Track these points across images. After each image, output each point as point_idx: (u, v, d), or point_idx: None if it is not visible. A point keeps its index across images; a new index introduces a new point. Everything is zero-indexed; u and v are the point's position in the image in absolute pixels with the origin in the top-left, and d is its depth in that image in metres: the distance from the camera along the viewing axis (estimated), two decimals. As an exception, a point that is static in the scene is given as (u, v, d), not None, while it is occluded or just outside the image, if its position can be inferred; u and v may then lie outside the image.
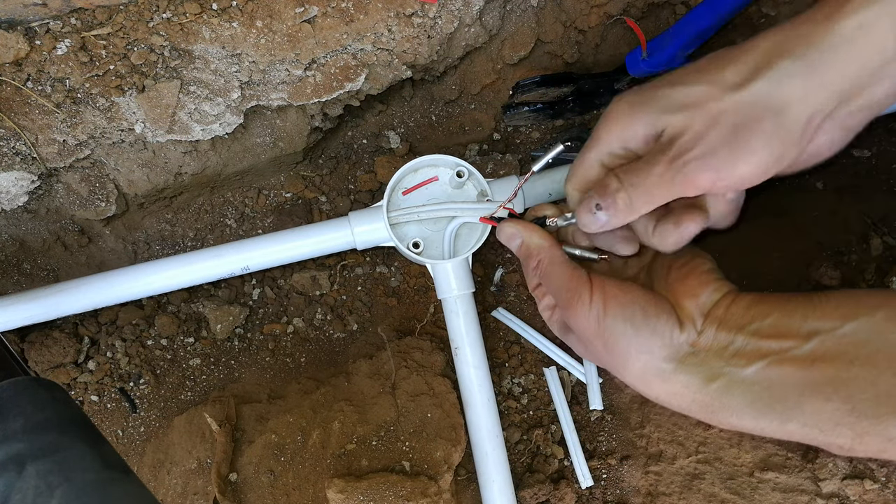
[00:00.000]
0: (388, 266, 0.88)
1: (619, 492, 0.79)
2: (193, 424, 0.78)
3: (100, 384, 0.83)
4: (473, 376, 0.75)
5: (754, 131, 0.45)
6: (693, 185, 0.48)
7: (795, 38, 0.44)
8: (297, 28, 0.66)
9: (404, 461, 0.73)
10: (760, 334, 0.46)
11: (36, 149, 0.69)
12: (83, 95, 0.66)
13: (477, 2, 0.72)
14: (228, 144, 0.79)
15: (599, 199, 0.52)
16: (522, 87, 0.65)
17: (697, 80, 0.47)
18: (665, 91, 0.48)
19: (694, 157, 0.47)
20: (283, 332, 0.87)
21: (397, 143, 0.89)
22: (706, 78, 0.47)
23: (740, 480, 0.72)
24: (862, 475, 0.67)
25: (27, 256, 0.84)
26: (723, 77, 0.46)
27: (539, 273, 0.59)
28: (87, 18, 0.64)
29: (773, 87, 0.45)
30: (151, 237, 0.88)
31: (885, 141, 0.88)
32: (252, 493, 0.74)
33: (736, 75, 0.46)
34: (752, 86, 0.45)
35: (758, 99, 0.45)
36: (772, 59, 0.45)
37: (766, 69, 0.45)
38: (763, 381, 0.45)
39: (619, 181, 0.51)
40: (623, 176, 0.51)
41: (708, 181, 0.47)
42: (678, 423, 0.76)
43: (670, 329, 0.49)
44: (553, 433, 0.81)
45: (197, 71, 0.68)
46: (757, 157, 0.46)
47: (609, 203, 0.51)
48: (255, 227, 0.89)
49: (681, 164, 0.47)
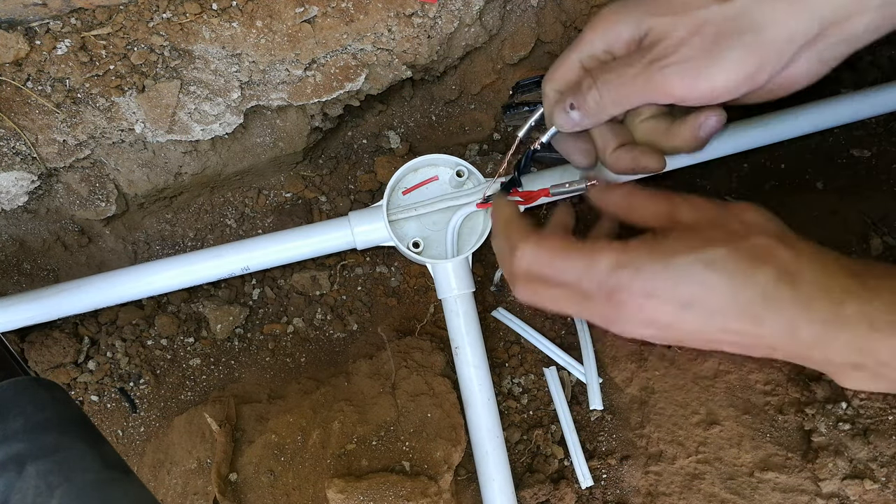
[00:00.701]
0: (388, 266, 0.88)
1: (619, 492, 0.79)
2: (193, 424, 0.78)
3: (100, 384, 0.83)
4: (473, 376, 0.75)
5: (734, 43, 0.46)
6: (665, 90, 0.48)
7: None
8: (297, 28, 0.66)
9: (404, 461, 0.73)
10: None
11: (36, 149, 0.69)
12: (83, 95, 0.66)
13: (477, 2, 0.72)
14: (228, 144, 0.79)
15: (573, 97, 0.53)
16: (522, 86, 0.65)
17: None
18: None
19: (671, 62, 0.47)
20: (283, 332, 0.87)
21: (397, 143, 0.89)
22: None
23: (740, 480, 0.72)
24: (862, 475, 0.67)
25: (27, 256, 0.84)
26: None
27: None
28: (87, 18, 0.64)
29: (758, 2, 0.46)
30: (151, 237, 0.88)
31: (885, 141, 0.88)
32: (252, 493, 0.74)
33: None
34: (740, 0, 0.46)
35: (742, 12, 0.46)
36: None
37: None
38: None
39: (593, 79, 0.51)
40: (597, 74, 0.51)
41: (681, 88, 0.48)
42: (678, 423, 0.77)
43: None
44: (553, 433, 0.81)
45: (197, 71, 0.68)
46: (733, 68, 0.47)
47: (580, 101, 0.52)
48: (255, 227, 0.89)
49: (657, 67, 0.48)
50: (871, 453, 0.67)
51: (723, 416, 0.74)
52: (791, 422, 0.72)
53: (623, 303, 0.44)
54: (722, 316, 0.42)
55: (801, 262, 0.41)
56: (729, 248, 0.42)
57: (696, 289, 0.42)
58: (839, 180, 0.88)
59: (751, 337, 0.42)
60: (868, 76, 0.91)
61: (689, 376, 0.77)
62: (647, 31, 0.49)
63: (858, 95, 0.79)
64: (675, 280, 0.43)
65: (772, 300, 0.41)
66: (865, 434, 0.67)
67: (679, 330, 0.44)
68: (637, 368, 0.80)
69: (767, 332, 0.41)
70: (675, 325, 0.44)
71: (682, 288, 0.43)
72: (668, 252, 0.43)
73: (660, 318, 0.44)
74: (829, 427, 0.69)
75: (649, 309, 0.44)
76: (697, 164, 0.77)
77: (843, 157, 0.89)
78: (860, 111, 0.79)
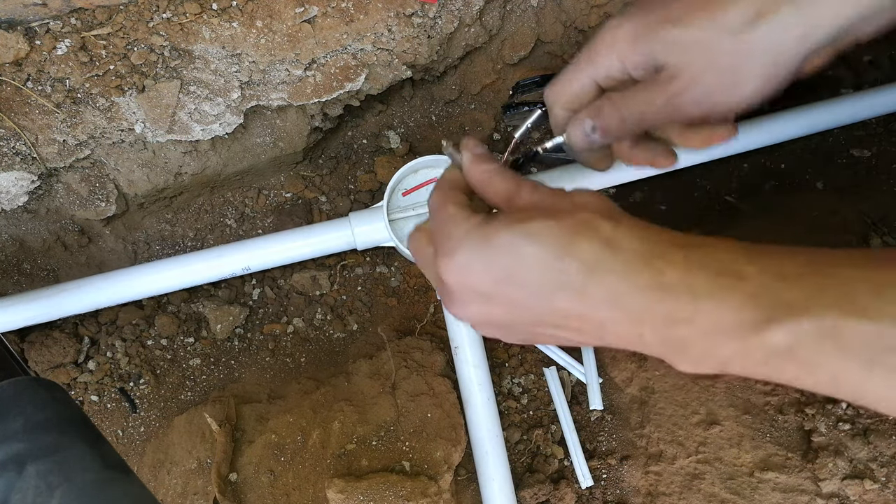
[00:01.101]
0: (388, 266, 0.88)
1: (619, 492, 0.79)
2: (193, 424, 0.78)
3: (100, 384, 0.83)
4: (473, 376, 0.75)
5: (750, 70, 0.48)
6: (687, 116, 0.51)
7: None
8: (297, 28, 0.66)
9: (404, 461, 0.73)
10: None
11: (36, 149, 0.69)
12: (83, 95, 0.66)
13: (477, 2, 0.72)
14: (228, 144, 0.79)
15: (595, 120, 0.54)
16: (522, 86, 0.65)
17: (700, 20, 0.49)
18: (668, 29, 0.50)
19: (691, 95, 0.50)
20: (283, 332, 0.87)
21: (397, 143, 0.89)
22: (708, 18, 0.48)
23: (740, 480, 0.72)
24: (862, 475, 0.67)
25: (27, 256, 0.84)
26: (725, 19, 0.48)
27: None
28: (87, 18, 0.64)
29: (773, 31, 0.46)
30: (151, 237, 0.87)
31: (885, 141, 0.88)
32: (252, 493, 0.74)
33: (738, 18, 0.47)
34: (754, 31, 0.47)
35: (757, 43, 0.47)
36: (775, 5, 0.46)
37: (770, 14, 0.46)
38: None
39: (615, 106, 0.53)
40: (620, 102, 0.53)
41: (702, 114, 0.51)
42: (678, 423, 0.77)
43: None
44: (553, 433, 0.81)
45: (197, 71, 0.68)
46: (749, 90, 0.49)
47: (604, 125, 0.54)
48: (255, 227, 0.89)
49: (678, 101, 0.50)
50: (871, 453, 0.67)
51: (723, 416, 0.74)
52: (791, 422, 0.72)
53: (447, 272, 0.45)
54: (547, 290, 0.42)
55: (622, 232, 0.41)
56: (551, 221, 0.42)
57: (515, 261, 0.42)
58: (839, 180, 0.88)
59: (577, 313, 0.42)
60: (868, 76, 0.91)
61: (689, 376, 0.77)
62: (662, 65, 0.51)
63: (858, 96, 0.79)
64: (493, 255, 0.43)
65: (593, 271, 0.40)
66: (865, 434, 0.67)
67: (504, 310, 0.44)
68: (637, 368, 0.80)
69: (591, 304, 0.41)
70: (498, 302, 0.44)
71: (500, 260, 0.43)
72: (492, 226, 0.44)
73: (477, 289, 0.44)
74: (829, 427, 0.69)
75: (470, 281, 0.44)
76: (697, 164, 0.77)
77: (843, 157, 0.89)
78: (860, 112, 0.79)
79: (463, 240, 0.45)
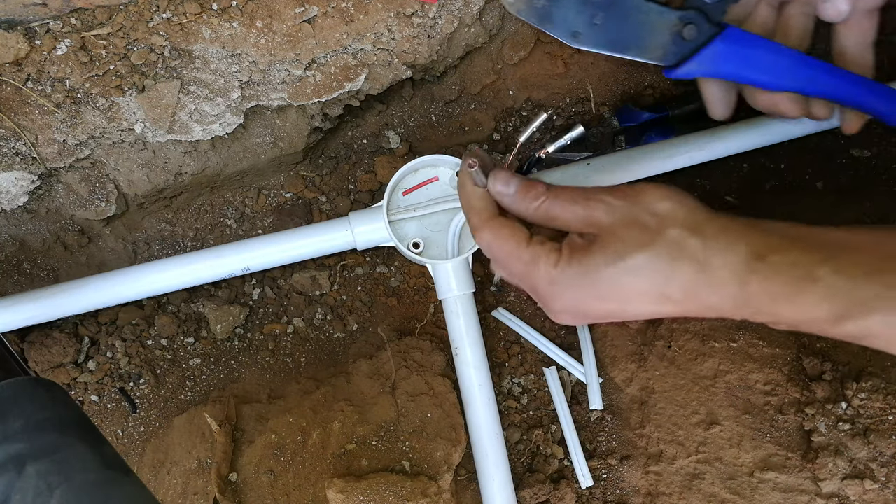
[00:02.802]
0: (388, 266, 0.88)
1: (619, 492, 0.79)
2: (193, 424, 0.78)
3: (100, 384, 0.83)
4: (473, 377, 0.75)
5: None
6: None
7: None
8: (297, 28, 0.66)
9: (404, 461, 0.73)
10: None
11: (36, 149, 0.69)
12: (83, 95, 0.66)
13: (477, 2, 0.72)
14: (228, 144, 0.79)
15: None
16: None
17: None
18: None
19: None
20: (283, 332, 0.87)
21: (397, 143, 0.89)
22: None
23: (740, 480, 0.72)
24: (862, 475, 0.67)
25: (27, 256, 0.84)
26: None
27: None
28: (87, 18, 0.64)
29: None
30: (151, 237, 0.87)
31: (885, 141, 0.88)
32: (252, 493, 0.74)
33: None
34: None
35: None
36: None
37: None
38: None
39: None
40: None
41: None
42: (678, 423, 0.77)
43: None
44: (553, 433, 0.81)
45: (197, 71, 0.68)
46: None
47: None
48: (255, 227, 0.89)
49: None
50: (871, 453, 0.67)
51: (723, 416, 0.74)
52: (791, 422, 0.72)
53: (556, 312, 0.52)
54: (654, 307, 0.49)
55: (711, 249, 0.46)
56: (647, 253, 0.47)
57: (623, 293, 0.48)
58: (839, 180, 0.88)
59: (680, 315, 0.49)
60: (868, 76, 0.91)
61: (689, 376, 0.77)
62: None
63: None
64: (599, 291, 0.49)
65: (690, 290, 0.47)
66: (865, 434, 0.67)
67: (610, 318, 0.52)
68: (637, 368, 0.80)
69: (691, 312, 0.48)
70: (606, 318, 0.51)
71: (609, 294, 0.49)
72: (592, 266, 0.48)
73: (593, 315, 0.51)
74: (829, 427, 0.69)
75: (581, 315, 0.51)
76: (697, 164, 0.77)
77: (843, 157, 0.89)
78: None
79: (563, 282, 0.50)
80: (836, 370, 0.71)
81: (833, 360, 0.72)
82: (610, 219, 0.49)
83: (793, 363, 0.73)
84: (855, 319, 0.43)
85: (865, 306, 0.42)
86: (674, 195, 0.49)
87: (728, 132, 0.76)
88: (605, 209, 0.49)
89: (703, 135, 0.77)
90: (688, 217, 0.48)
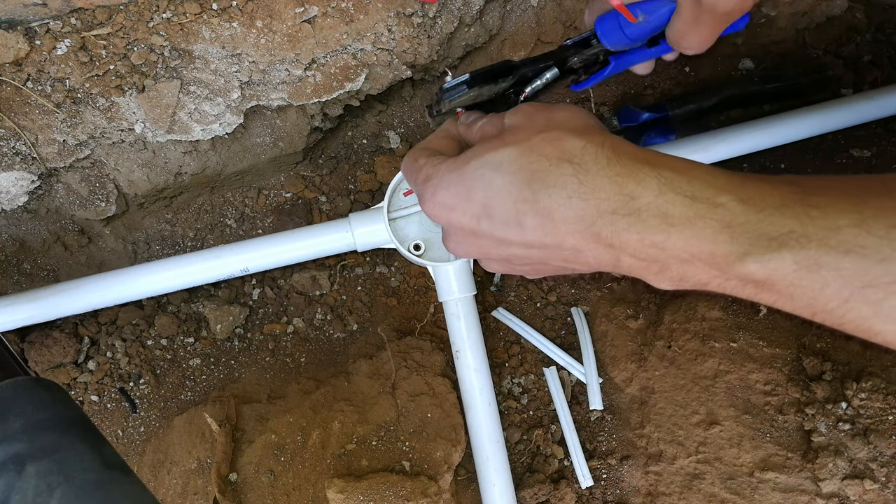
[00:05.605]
0: (388, 266, 0.88)
1: (619, 492, 0.79)
2: (193, 424, 0.78)
3: (100, 384, 0.83)
4: (474, 379, 0.75)
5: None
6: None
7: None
8: (297, 28, 0.66)
9: (404, 461, 0.73)
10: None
11: (36, 149, 0.69)
12: (83, 95, 0.66)
13: (477, 1, 0.72)
14: (228, 144, 0.79)
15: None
16: (448, 91, 0.56)
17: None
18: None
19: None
20: (283, 332, 0.87)
21: (397, 143, 0.89)
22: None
23: (740, 480, 0.72)
24: (862, 475, 0.67)
25: (27, 256, 0.84)
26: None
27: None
28: (87, 18, 0.64)
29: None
30: (151, 237, 0.87)
31: (885, 141, 0.88)
32: (252, 493, 0.74)
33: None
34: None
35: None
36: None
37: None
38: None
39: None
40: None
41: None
42: (678, 423, 0.77)
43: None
44: (553, 433, 0.81)
45: (197, 71, 0.68)
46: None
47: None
48: (255, 227, 0.89)
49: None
50: (871, 453, 0.67)
51: (723, 416, 0.74)
52: (791, 422, 0.72)
53: (435, 216, 0.44)
54: (520, 220, 0.40)
55: (591, 151, 0.38)
56: (519, 146, 0.40)
57: (488, 193, 0.41)
58: (839, 180, 0.88)
59: (552, 242, 0.40)
60: (868, 76, 0.91)
61: (689, 376, 0.77)
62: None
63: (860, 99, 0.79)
64: (467, 188, 0.42)
65: (559, 196, 0.38)
66: (865, 434, 0.67)
67: (493, 245, 0.43)
68: (637, 368, 0.80)
69: (563, 232, 0.39)
70: (486, 237, 0.42)
71: (474, 194, 0.41)
72: (462, 160, 0.42)
73: (464, 227, 0.43)
74: (829, 427, 0.69)
75: (455, 219, 0.43)
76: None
77: (843, 157, 0.89)
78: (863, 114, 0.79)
79: (435, 177, 0.44)
80: (836, 370, 0.71)
81: (833, 359, 0.72)
82: (512, 120, 0.44)
83: (793, 363, 0.73)
84: (760, 256, 0.35)
85: (775, 241, 0.35)
86: (583, 111, 0.43)
87: (730, 134, 0.76)
88: (513, 111, 0.44)
89: (705, 136, 0.77)
90: (580, 123, 0.41)
